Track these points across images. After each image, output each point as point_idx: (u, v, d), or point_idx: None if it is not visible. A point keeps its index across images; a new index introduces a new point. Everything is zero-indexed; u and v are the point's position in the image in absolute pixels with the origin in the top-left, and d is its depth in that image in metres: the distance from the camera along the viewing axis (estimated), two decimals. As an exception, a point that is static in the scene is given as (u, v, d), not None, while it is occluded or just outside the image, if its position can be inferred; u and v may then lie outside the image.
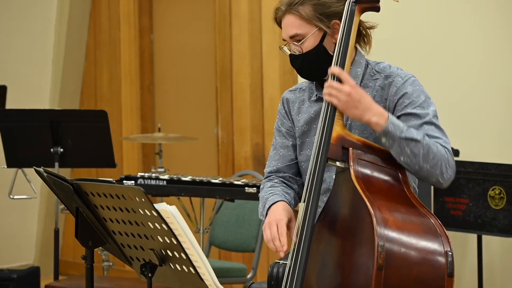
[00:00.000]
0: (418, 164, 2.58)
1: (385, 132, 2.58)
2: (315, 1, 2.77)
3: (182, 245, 2.39)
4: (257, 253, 5.03)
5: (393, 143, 2.58)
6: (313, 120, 2.88)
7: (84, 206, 2.60)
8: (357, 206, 2.49)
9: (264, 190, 2.93)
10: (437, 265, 2.41)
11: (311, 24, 2.77)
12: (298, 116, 2.93)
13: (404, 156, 2.58)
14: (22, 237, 6.77)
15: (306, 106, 2.91)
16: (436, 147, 2.61)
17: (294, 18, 2.79)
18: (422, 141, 2.59)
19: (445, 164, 2.61)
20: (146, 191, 2.38)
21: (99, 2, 6.82)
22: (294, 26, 2.79)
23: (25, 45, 6.75)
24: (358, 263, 2.45)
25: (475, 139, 4.75)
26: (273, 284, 2.76)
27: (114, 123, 6.20)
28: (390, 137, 2.58)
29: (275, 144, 2.99)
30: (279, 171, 2.96)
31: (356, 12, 2.71)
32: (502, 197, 4.30)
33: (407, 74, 2.79)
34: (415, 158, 2.58)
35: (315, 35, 2.78)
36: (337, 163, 2.60)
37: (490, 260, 4.71)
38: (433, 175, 2.61)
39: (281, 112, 2.99)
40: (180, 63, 6.54)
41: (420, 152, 2.58)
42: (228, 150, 6.08)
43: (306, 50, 2.79)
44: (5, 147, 4.95)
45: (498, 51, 4.73)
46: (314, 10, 2.77)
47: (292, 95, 2.98)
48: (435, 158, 2.59)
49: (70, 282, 4.77)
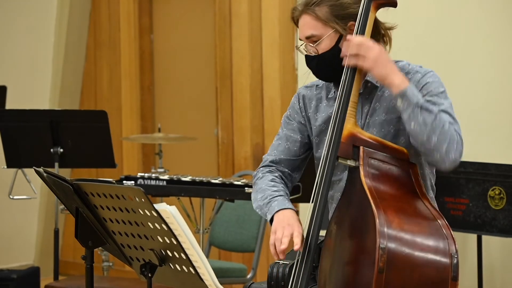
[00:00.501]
0: (427, 134, 2.55)
1: (402, 93, 2.57)
2: (332, 2, 2.75)
3: (182, 245, 2.39)
4: (257, 253, 5.03)
5: (407, 107, 2.56)
6: (331, 119, 2.86)
7: (84, 206, 2.60)
8: (364, 206, 2.48)
9: (265, 182, 2.89)
10: (441, 268, 2.39)
11: (327, 26, 2.75)
12: (315, 114, 2.89)
13: (415, 122, 2.56)
14: (22, 237, 6.77)
15: (324, 104, 2.88)
16: (448, 126, 2.58)
17: (310, 18, 2.76)
18: (437, 114, 2.57)
19: (453, 144, 2.57)
20: (146, 191, 2.38)
21: (99, 2, 6.82)
22: (310, 27, 2.77)
23: (25, 45, 6.74)
24: (362, 263, 2.44)
25: (475, 139, 4.75)
26: (273, 284, 2.75)
27: (114, 123, 6.20)
28: (406, 100, 2.56)
29: (281, 134, 2.95)
30: (280, 163, 2.93)
31: (372, 8, 2.69)
32: (502, 197, 4.30)
33: (426, 69, 2.78)
34: (425, 127, 2.55)
35: (331, 37, 2.76)
36: (348, 162, 2.58)
37: (490, 260, 4.71)
38: (438, 150, 2.56)
39: (295, 107, 2.95)
40: (180, 63, 6.54)
41: (431, 123, 2.55)
42: (228, 150, 6.08)
43: (322, 52, 2.77)
44: (5, 147, 4.95)
45: (501, 51, 4.73)
46: (331, 12, 2.74)
47: (309, 92, 2.94)
48: (444, 134, 2.56)
49: (70, 282, 4.76)
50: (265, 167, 2.95)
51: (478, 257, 4.49)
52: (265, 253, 5.66)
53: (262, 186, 2.87)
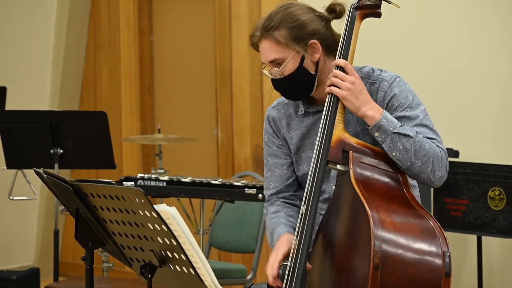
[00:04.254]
0: (410, 160, 2.60)
1: (378, 126, 2.61)
2: (290, 24, 2.75)
3: (182, 246, 2.39)
4: (257, 254, 5.03)
5: (385, 138, 2.60)
6: (305, 135, 2.88)
7: (84, 207, 2.60)
8: (356, 207, 2.51)
9: (269, 217, 2.94)
10: (434, 265, 2.42)
11: (289, 48, 2.76)
12: (289, 133, 2.92)
13: (396, 151, 2.60)
14: (22, 238, 6.77)
15: (296, 121, 2.91)
16: (429, 144, 2.63)
17: (270, 43, 2.77)
18: (415, 137, 2.61)
19: (437, 162, 2.63)
20: (146, 192, 2.38)
21: (99, 3, 6.82)
22: (272, 51, 2.77)
23: (25, 46, 6.75)
24: (356, 263, 2.46)
25: (475, 140, 4.75)
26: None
27: (114, 124, 6.20)
28: (383, 131, 2.60)
29: (268, 165, 2.97)
30: (279, 192, 2.96)
31: (357, 18, 2.73)
32: (502, 198, 4.30)
33: (391, 75, 2.79)
34: (407, 153, 2.59)
35: (294, 58, 2.76)
36: (337, 166, 2.61)
37: (490, 261, 4.71)
38: (424, 172, 2.62)
39: (268, 131, 2.97)
40: (180, 64, 6.54)
41: (411, 148, 2.60)
42: (228, 151, 6.08)
43: (287, 73, 2.78)
44: (5, 148, 4.95)
45: (499, 52, 4.73)
46: (290, 34, 2.75)
47: (276, 113, 2.95)
48: (427, 155, 2.61)
49: (70, 283, 4.76)
50: (267, 203, 2.99)
51: (478, 258, 4.49)
52: (265, 254, 5.66)
53: (267, 224, 2.95)
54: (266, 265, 2.76)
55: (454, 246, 2.67)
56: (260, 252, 5.05)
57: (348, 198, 2.58)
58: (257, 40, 2.81)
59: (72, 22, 6.77)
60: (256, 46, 2.84)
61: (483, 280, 4.50)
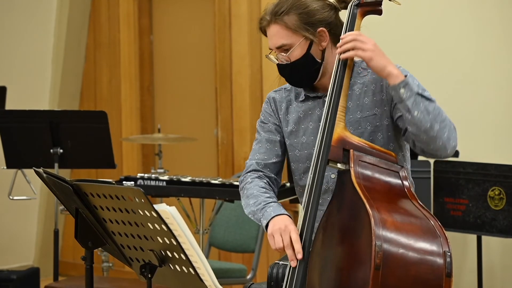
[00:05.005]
0: (430, 122, 2.60)
1: (405, 82, 2.59)
2: (300, 10, 2.76)
3: (182, 246, 2.39)
4: (257, 254, 5.03)
5: (410, 95, 2.59)
6: (301, 119, 2.88)
7: (84, 207, 2.60)
8: (356, 207, 2.50)
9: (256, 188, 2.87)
10: (435, 265, 2.42)
11: (298, 34, 2.77)
12: (286, 116, 2.92)
13: (419, 110, 2.59)
14: (22, 238, 6.77)
15: (294, 105, 2.91)
16: (445, 114, 2.65)
17: (279, 28, 2.78)
18: (435, 102, 2.63)
19: (452, 131, 2.64)
20: (146, 192, 2.38)
21: (99, 3, 6.82)
22: (280, 37, 2.78)
23: (25, 46, 6.75)
24: (357, 263, 2.45)
25: (475, 140, 4.75)
26: (273, 284, 2.77)
27: (114, 124, 6.20)
28: (408, 89, 2.60)
29: (259, 138, 2.96)
30: (266, 167, 2.92)
31: (358, 15, 2.73)
32: (502, 198, 4.30)
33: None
34: (428, 115, 2.59)
35: (302, 44, 2.77)
36: (338, 165, 2.61)
37: (490, 261, 4.71)
38: (441, 138, 2.61)
39: (267, 110, 2.97)
40: (179, 64, 6.54)
41: (433, 111, 2.60)
42: (228, 150, 6.08)
43: (294, 60, 2.79)
44: (5, 147, 4.95)
45: (500, 52, 4.73)
46: (300, 20, 2.76)
47: (278, 95, 2.97)
48: (444, 121, 2.63)
49: (70, 283, 4.76)
50: (253, 172, 2.93)
51: (478, 257, 4.49)
52: (265, 254, 5.67)
53: (253, 192, 2.86)
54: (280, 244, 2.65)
55: (454, 245, 2.67)
56: (260, 251, 5.04)
57: (348, 197, 2.57)
58: (266, 24, 2.81)
59: (72, 22, 6.77)
60: (264, 31, 2.84)
61: (483, 279, 4.50)
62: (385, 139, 2.78)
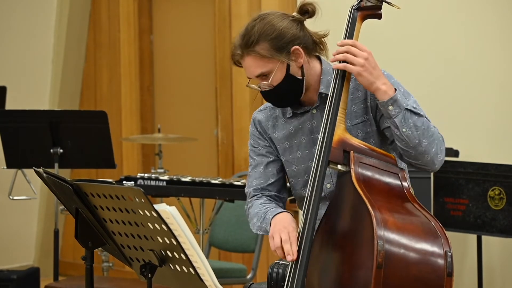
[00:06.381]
0: (418, 138, 2.61)
1: (394, 99, 2.60)
2: (269, 37, 2.75)
3: (182, 246, 2.39)
4: (257, 254, 5.03)
5: (399, 112, 2.60)
6: (292, 135, 2.88)
7: (84, 207, 2.60)
8: (357, 207, 2.51)
9: (256, 206, 2.89)
10: (436, 265, 2.43)
11: (273, 60, 2.75)
12: (274, 134, 2.92)
13: (407, 127, 2.60)
14: (22, 238, 6.77)
15: (282, 122, 2.91)
16: (434, 127, 2.66)
17: (254, 59, 2.76)
18: (424, 116, 2.64)
19: (440, 145, 2.66)
20: (146, 192, 2.38)
21: (99, 3, 6.82)
22: (257, 66, 2.77)
23: (25, 46, 6.75)
24: (358, 263, 2.46)
25: (475, 140, 4.75)
26: (273, 284, 2.77)
27: (114, 123, 6.20)
28: (397, 106, 2.60)
29: (253, 163, 2.95)
30: (264, 190, 2.93)
31: (358, 19, 2.73)
32: (502, 198, 4.30)
33: None
34: (417, 131, 2.60)
35: (280, 68, 2.76)
36: (338, 167, 2.62)
37: (490, 261, 4.71)
38: (429, 153, 2.63)
39: (254, 134, 2.96)
40: (180, 64, 6.54)
41: (421, 126, 2.61)
42: (228, 150, 6.08)
43: (276, 83, 2.78)
44: (5, 147, 4.95)
45: (498, 52, 4.73)
46: (271, 46, 2.74)
47: (263, 115, 2.97)
48: (433, 135, 2.64)
49: (70, 283, 4.77)
50: (252, 198, 2.95)
51: (478, 257, 4.49)
52: (265, 254, 5.67)
53: (254, 211, 2.88)
54: (278, 245, 2.65)
55: (454, 245, 2.67)
56: (260, 251, 5.05)
57: (349, 199, 2.58)
58: (239, 57, 2.80)
59: (72, 22, 6.77)
60: (238, 63, 2.83)
61: (483, 279, 4.50)
62: (378, 143, 2.78)
